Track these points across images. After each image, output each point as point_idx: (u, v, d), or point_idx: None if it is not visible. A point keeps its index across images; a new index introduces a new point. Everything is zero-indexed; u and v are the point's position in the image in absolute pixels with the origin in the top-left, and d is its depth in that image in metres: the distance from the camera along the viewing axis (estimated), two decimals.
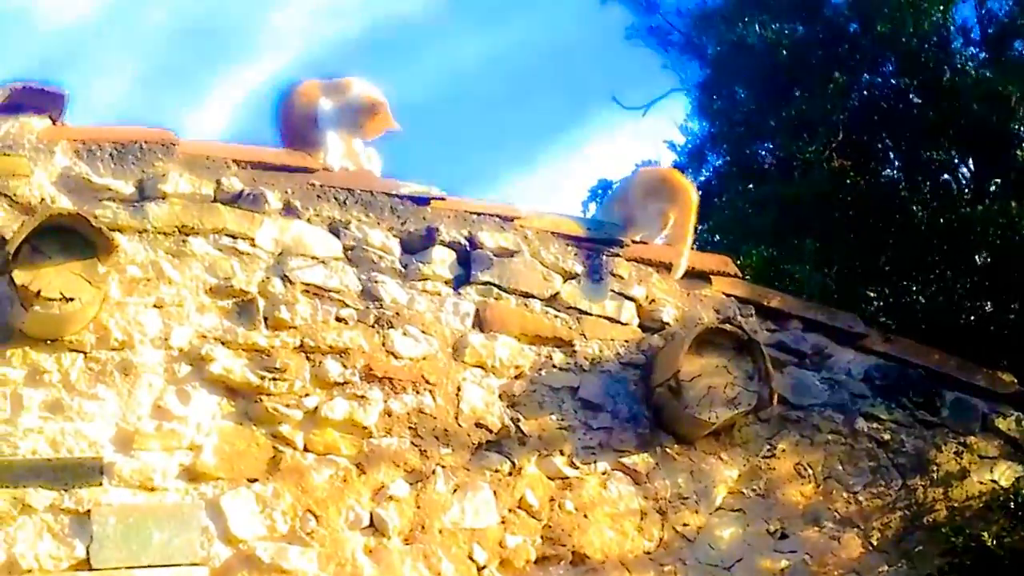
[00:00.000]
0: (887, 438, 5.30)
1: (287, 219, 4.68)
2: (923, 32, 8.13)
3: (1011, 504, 5.27)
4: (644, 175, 5.74)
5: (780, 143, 8.56)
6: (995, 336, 7.25)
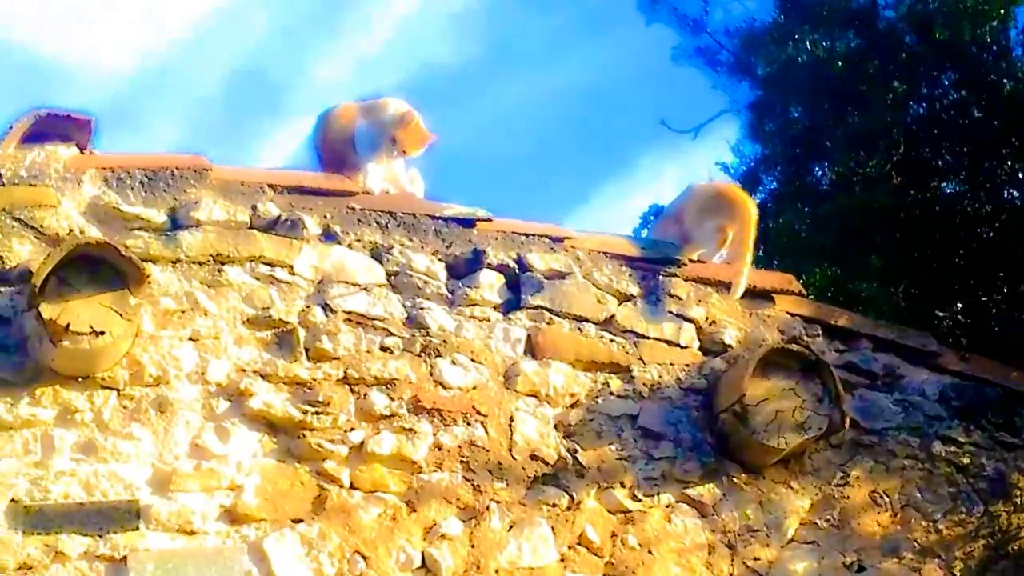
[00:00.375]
0: (966, 462, 5.09)
1: (327, 245, 4.56)
2: (982, 40, 8.05)
3: None
4: (699, 190, 5.52)
5: (838, 160, 8.47)
6: None
